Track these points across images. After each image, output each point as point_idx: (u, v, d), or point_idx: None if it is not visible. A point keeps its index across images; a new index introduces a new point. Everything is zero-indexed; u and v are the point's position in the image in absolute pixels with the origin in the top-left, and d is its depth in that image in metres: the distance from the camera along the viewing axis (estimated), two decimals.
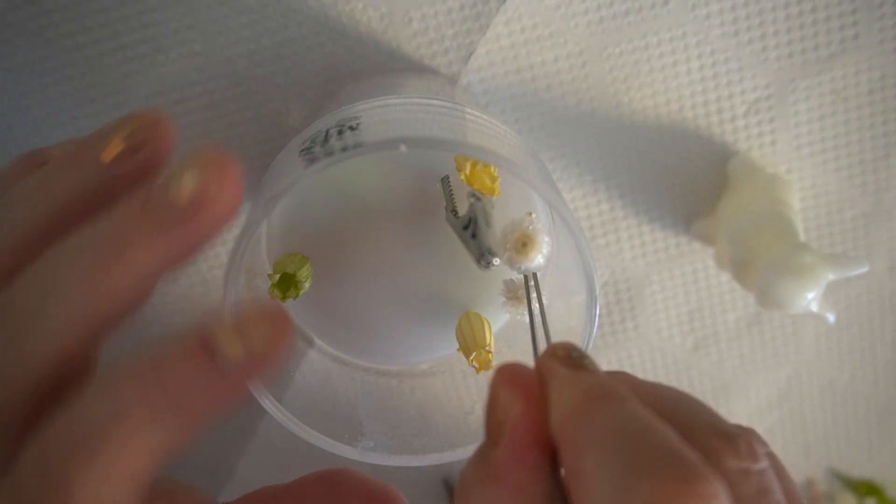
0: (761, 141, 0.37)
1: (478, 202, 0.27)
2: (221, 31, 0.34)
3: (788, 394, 0.43)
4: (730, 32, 0.35)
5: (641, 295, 0.40)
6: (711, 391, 0.43)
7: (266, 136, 0.35)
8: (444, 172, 0.29)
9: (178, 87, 0.34)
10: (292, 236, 0.30)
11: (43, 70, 0.34)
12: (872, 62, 0.36)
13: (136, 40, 0.34)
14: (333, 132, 0.24)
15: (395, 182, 0.29)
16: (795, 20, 0.35)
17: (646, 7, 0.34)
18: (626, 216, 0.38)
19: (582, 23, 0.34)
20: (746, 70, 0.36)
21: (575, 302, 0.27)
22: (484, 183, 0.28)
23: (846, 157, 0.38)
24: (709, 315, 0.41)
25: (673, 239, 0.39)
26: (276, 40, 0.34)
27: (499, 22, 0.34)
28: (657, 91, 0.36)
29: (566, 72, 0.35)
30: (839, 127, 0.37)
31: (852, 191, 0.38)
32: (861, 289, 0.41)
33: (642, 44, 0.35)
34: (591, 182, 0.37)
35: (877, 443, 0.45)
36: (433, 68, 0.35)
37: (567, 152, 0.37)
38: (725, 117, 0.36)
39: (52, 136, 0.35)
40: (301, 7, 0.33)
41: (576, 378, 0.20)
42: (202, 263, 0.37)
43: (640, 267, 0.39)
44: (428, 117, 0.26)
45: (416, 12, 0.34)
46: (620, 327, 0.41)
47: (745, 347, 0.42)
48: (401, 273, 0.30)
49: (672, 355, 0.42)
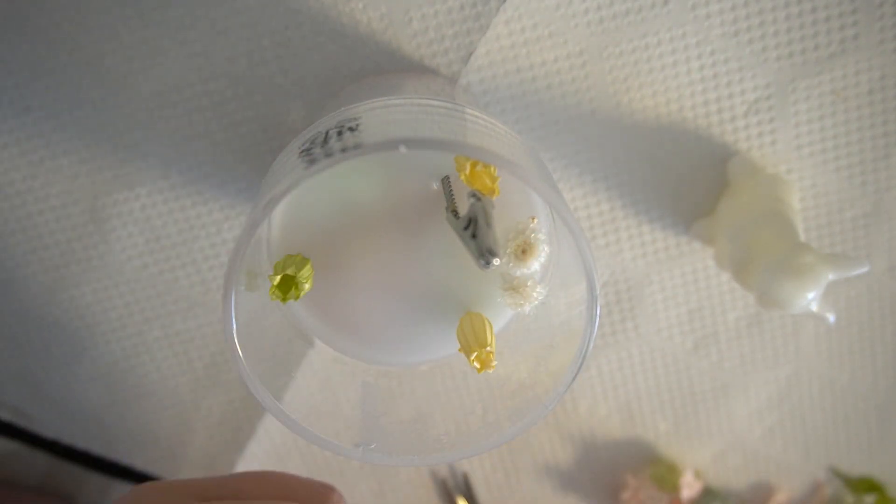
0: (761, 141, 0.37)
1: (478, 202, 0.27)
2: (221, 31, 0.34)
3: (788, 394, 0.43)
4: (730, 32, 0.35)
5: (641, 295, 0.40)
6: (711, 391, 0.43)
7: (266, 136, 0.35)
8: (444, 173, 0.29)
9: (178, 87, 0.34)
10: (293, 237, 0.30)
11: (43, 70, 0.34)
12: (872, 62, 0.36)
13: (136, 40, 0.34)
14: (333, 133, 0.24)
15: (395, 182, 0.29)
16: (795, 20, 0.35)
17: (646, 7, 0.34)
18: (626, 216, 0.38)
19: (582, 23, 0.34)
20: (746, 70, 0.36)
21: (575, 301, 0.27)
22: (484, 183, 0.28)
23: (846, 157, 0.38)
24: (709, 315, 0.41)
25: (673, 239, 0.39)
26: (276, 40, 0.34)
27: (499, 22, 0.34)
28: (657, 91, 0.36)
29: (566, 72, 0.35)
30: (839, 127, 0.37)
31: (852, 191, 0.38)
32: (861, 289, 0.41)
33: (642, 44, 0.35)
34: (591, 182, 0.37)
35: (877, 442, 0.45)
36: (433, 68, 0.35)
37: (567, 152, 0.37)
38: (725, 117, 0.36)
39: (52, 136, 0.35)
40: (301, 7, 0.33)
41: None
42: (202, 264, 0.37)
43: (640, 267, 0.39)
44: (428, 118, 0.26)
45: (416, 12, 0.34)
46: (620, 327, 0.41)
47: (745, 347, 0.42)
48: (401, 273, 0.30)
49: (672, 355, 0.42)
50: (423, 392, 0.33)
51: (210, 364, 0.39)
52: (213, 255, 0.37)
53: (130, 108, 0.35)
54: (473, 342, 0.30)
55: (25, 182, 0.35)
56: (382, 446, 0.27)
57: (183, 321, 0.38)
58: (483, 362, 0.29)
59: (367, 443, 0.28)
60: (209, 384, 0.39)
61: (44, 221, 0.36)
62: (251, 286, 0.29)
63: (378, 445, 0.27)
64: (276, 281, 0.28)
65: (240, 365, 0.26)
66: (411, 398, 0.33)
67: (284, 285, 0.28)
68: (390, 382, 0.33)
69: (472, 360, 0.29)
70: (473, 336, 0.30)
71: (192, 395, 0.40)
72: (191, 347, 0.39)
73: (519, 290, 0.29)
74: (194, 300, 0.38)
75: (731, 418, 0.43)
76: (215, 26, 0.34)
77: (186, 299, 0.38)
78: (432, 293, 0.31)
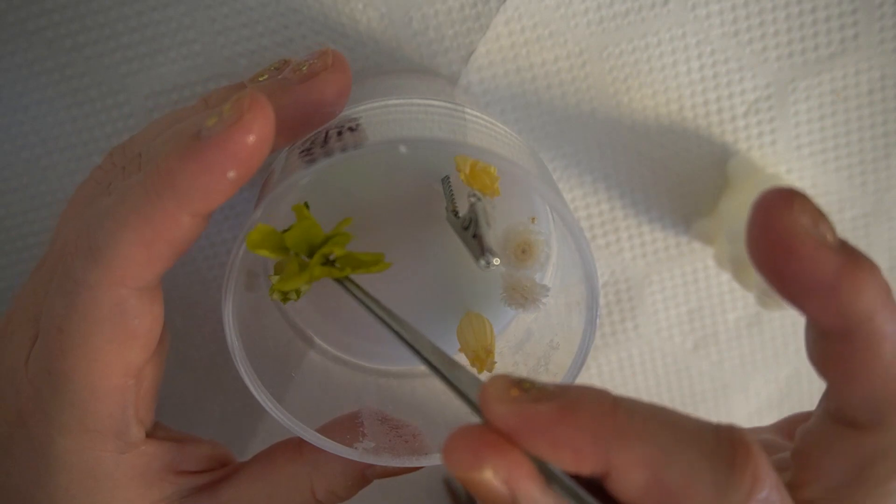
0: (761, 141, 0.37)
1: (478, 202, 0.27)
2: (221, 31, 0.34)
3: (788, 394, 0.43)
4: (730, 32, 0.35)
5: (641, 295, 0.40)
6: (711, 391, 0.43)
7: None
8: (444, 173, 0.29)
9: (178, 87, 0.34)
10: None
11: (43, 70, 0.34)
12: (872, 62, 0.36)
13: (136, 40, 0.34)
14: (333, 133, 0.24)
15: (395, 183, 0.29)
16: (795, 20, 0.35)
17: (646, 7, 0.34)
18: (626, 216, 0.38)
19: (582, 23, 0.34)
20: (746, 70, 0.36)
21: (575, 301, 0.27)
22: (484, 183, 0.28)
23: (846, 157, 0.38)
24: (709, 315, 0.41)
25: (673, 239, 0.39)
26: (276, 40, 0.34)
27: (499, 22, 0.34)
28: (657, 91, 0.36)
29: (566, 72, 0.35)
30: (839, 127, 0.37)
31: (852, 191, 0.38)
32: None
33: (642, 44, 0.35)
34: (591, 182, 0.37)
35: None
36: (433, 68, 0.35)
37: (567, 152, 0.37)
38: (725, 117, 0.36)
39: (53, 137, 0.35)
40: (301, 7, 0.33)
41: (556, 408, 0.19)
42: (202, 263, 0.37)
43: (640, 267, 0.39)
44: (428, 118, 0.26)
45: (416, 12, 0.34)
46: (620, 327, 0.41)
47: (745, 347, 0.42)
48: (401, 273, 0.30)
49: (672, 355, 0.42)
50: (422, 392, 0.33)
51: (210, 364, 0.39)
52: (212, 255, 0.37)
53: (130, 108, 0.35)
54: (474, 343, 0.30)
55: (20, 179, 0.35)
56: (382, 447, 0.27)
57: (183, 321, 0.38)
58: (483, 362, 0.29)
59: (367, 443, 0.28)
60: (209, 384, 0.39)
61: (40, 219, 0.36)
62: (251, 286, 0.29)
63: (378, 446, 0.27)
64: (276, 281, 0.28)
65: (240, 365, 0.26)
66: (411, 398, 0.33)
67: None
68: (390, 382, 0.33)
69: (473, 360, 0.29)
70: (474, 337, 0.30)
71: (192, 395, 0.40)
72: (191, 347, 0.39)
73: (519, 290, 0.29)
74: (194, 300, 0.38)
75: (731, 418, 0.43)
76: (215, 26, 0.34)
77: (187, 299, 0.38)
78: (432, 293, 0.31)
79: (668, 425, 0.19)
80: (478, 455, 0.18)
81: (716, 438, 0.19)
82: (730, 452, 0.19)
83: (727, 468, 0.19)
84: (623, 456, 0.18)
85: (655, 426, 0.19)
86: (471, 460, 0.18)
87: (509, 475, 0.18)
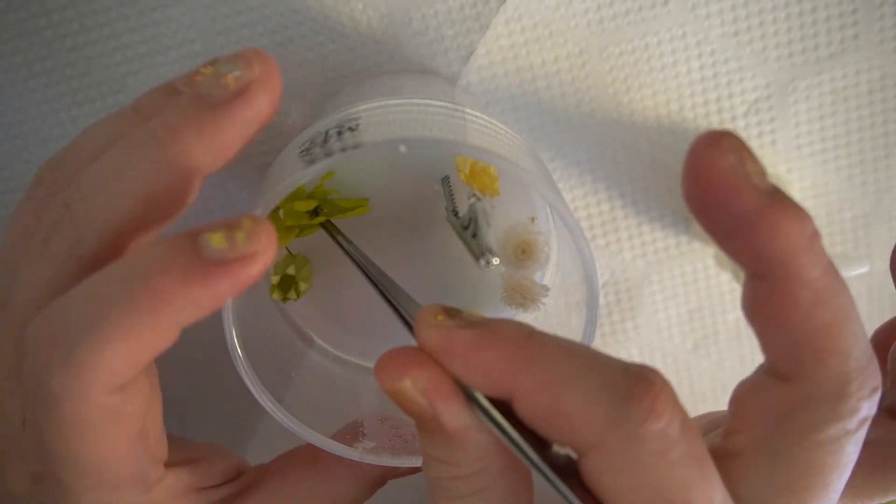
0: (761, 141, 0.37)
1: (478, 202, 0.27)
2: (221, 31, 0.34)
3: None
4: (730, 32, 0.35)
5: (641, 295, 0.40)
6: (711, 391, 0.43)
7: (266, 136, 0.35)
8: (444, 172, 0.29)
9: None
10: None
11: (43, 70, 0.34)
12: (872, 62, 0.36)
13: (136, 40, 0.34)
14: (333, 133, 0.24)
15: (395, 182, 0.29)
16: (795, 20, 0.35)
17: (646, 7, 0.34)
18: (626, 216, 0.38)
19: (582, 23, 0.34)
20: (746, 70, 0.36)
21: (575, 301, 0.27)
22: (484, 183, 0.28)
23: (846, 157, 0.38)
24: (709, 315, 0.41)
25: (673, 239, 0.39)
26: (276, 40, 0.34)
27: (499, 22, 0.34)
28: (657, 91, 0.36)
29: (566, 72, 0.35)
30: (839, 127, 0.37)
31: (852, 191, 0.38)
32: (861, 289, 0.41)
33: (642, 44, 0.35)
34: (591, 182, 0.37)
35: None
36: (433, 68, 0.35)
37: (567, 152, 0.37)
38: (725, 117, 0.36)
39: (52, 137, 0.35)
40: (301, 7, 0.33)
41: (475, 335, 0.20)
42: None
43: (640, 267, 0.39)
44: (428, 118, 0.26)
45: (416, 12, 0.34)
46: (620, 327, 0.41)
47: (745, 347, 0.42)
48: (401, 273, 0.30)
49: (672, 355, 0.42)
50: None
51: (210, 364, 0.39)
52: None
53: None
54: None
55: (20, 179, 0.35)
56: (382, 446, 0.27)
57: None
58: None
59: (367, 443, 0.28)
60: (209, 384, 0.39)
61: None
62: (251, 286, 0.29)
63: (378, 446, 0.27)
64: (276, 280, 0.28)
65: (240, 365, 0.26)
66: None
67: (284, 285, 0.28)
68: None
69: None
70: None
71: (193, 395, 0.40)
72: (191, 347, 0.39)
73: (519, 290, 0.29)
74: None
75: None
76: (215, 26, 0.34)
77: None
78: (432, 293, 0.31)
79: (573, 354, 0.20)
80: (401, 368, 0.20)
81: (623, 373, 0.20)
82: (629, 385, 0.19)
83: (623, 399, 0.19)
84: (526, 379, 0.20)
85: (561, 354, 0.20)
86: (394, 373, 0.21)
87: (427, 387, 0.20)
